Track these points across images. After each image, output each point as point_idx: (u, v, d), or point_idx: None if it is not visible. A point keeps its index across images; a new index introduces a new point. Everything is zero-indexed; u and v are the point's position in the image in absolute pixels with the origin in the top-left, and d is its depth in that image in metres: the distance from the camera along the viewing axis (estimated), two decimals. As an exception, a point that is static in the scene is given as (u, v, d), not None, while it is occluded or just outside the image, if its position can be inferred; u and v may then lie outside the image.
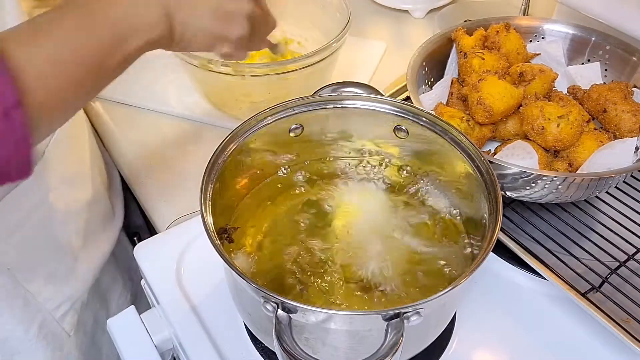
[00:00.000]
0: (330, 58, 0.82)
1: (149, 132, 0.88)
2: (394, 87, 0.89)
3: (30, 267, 0.70)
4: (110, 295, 0.88)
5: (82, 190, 0.78)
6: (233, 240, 0.58)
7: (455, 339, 0.60)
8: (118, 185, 0.92)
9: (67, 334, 0.76)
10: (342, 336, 0.48)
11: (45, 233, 0.71)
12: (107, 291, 0.87)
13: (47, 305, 0.73)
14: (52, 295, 0.73)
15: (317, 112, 0.62)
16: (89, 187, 0.79)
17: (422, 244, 0.59)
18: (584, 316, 0.60)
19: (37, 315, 0.72)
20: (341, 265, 0.57)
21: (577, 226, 0.67)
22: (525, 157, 0.67)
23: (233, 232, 0.59)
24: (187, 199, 0.77)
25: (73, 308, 0.77)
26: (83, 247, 0.77)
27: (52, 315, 0.74)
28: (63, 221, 0.73)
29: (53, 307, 0.73)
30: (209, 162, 0.54)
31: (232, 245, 0.58)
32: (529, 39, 0.84)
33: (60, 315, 0.75)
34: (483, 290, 0.64)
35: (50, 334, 0.73)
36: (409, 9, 1.15)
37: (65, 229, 0.74)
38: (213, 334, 0.60)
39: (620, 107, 0.70)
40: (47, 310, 0.73)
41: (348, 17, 0.84)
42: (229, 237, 0.58)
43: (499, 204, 0.51)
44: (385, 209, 0.63)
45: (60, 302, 0.74)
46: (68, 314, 0.76)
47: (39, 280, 0.71)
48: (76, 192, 0.76)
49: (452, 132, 0.58)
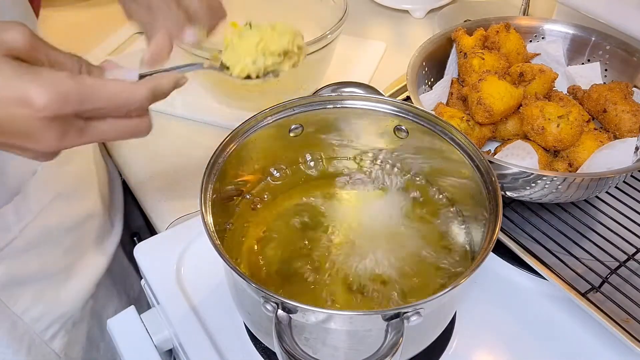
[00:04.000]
0: (326, 50, 0.81)
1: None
2: (394, 87, 0.89)
3: (16, 287, 0.67)
4: (105, 312, 0.84)
5: (77, 205, 0.74)
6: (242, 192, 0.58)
7: (455, 339, 0.60)
8: (119, 199, 0.89)
9: (57, 355, 0.73)
10: (342, 336, 0.48)
11: (34, 252, 0.68)
12: (102, 308, 0.83)
13: (35, 327, 0.70)
14: (40, 315, 0.70)
15: (317, 112, 0.62)
16: (86, 202, 0.76)
17: (422, 244, 0.59)
18: (584, 316, 0.60)
19: (24, 337, 0.69)
20: (342, 265, 0.57)
21: (577, 226, 0.67)
22: (525, 157, 0.67)
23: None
24: (187, 199, 0.77)
25: (64, 328, 0.74)
26: (75, 264, 0.74)
27: (41, 337, 0.71)
28: (54, 238, 0.71)
29: (42, 329, 0.71)
30: (209, 162, 0.54)
31: (232, 245, 0.58)
32: (529, 39, 0.84)
33: (49, 337, 0.72)
34: (483, 290, 0.64)
35: (40, 356, 0.71)
36: (409, 9, 1.15)
37: (56, 246, 0.71)
38: (213, 334, 0.60)
39: (620, 107, 0.70)
40: (35, 332, 0.70)
41: (345, 9, 0.83)
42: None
43: (499, 204, 0.51)
44: (385, 209, 0.63)
45: (49, 322, 0.71)
46: (58, 335, 0.73)
47: (25, 300, 0.68)
48: (71, 208, 0.73)
49: (452, 132, 0.58)
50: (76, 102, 0.39)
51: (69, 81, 0.39)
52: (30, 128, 0.38)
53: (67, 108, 0.39)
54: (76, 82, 0.39)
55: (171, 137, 0.87)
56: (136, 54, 1.01)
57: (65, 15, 1.16)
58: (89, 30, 1.12)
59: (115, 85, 0.41)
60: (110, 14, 1.17)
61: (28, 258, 0.68)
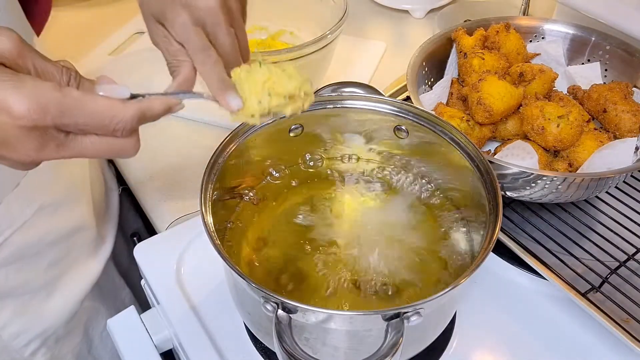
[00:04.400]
0: (326, 50, 0.81)
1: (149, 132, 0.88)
2: (394, 87, 0.89)
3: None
4: (93, 328, 0.80)
5: (64, 218, 0.71)
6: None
7: (455, 339, 0.60)
8: (114, 211, 0.86)
9: None
10: (342, 336, 0.48)
11: (13, 266, 0.66)
12: (89, 324, 0.79)
13: (15, 343, 0.68)
14: (21, 331, 0.68)
15: (317, 112, 0.62)
16: (74, 214, 0.73)
17: (422, 244, 0.59)
18: (584, 316, 0.60)
19: (2, 353, 0.67)
20: (341, 264, 0.57)
21: (577, 226, 0.67)
22: (525, 157, 0.67)
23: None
24: (187, 199, 0.77)
25: (45, 345, 0.71)
26: (59, 279, 0.72)
27: (20, 354, 0.68)
28: (36, 252, 0.68)
29: (21, 345, 0.68)
30: (209, 162, 0.54)
31: (232, 245, 0.58)
32: (529, 39, 0.84)
33: (29, 353, 0.69)
34: (483, 290, 0.64)
35: None
36: (409, 9, 1.15)
37: (38, 260, 0.68)
38: (213, 334, 0.60)
39: (620, 107, 0.70)
40: (14, 349, 0.68)
41: (345, 9, 0.83)
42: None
43: (499, 204, 0.51)
44: (385, 209, 0.63)
45: (29, 339, 0.69)
46: (39, 352, 0.70)
47: (4, 315, 0.66)
48: (57, 221, 0.70)
49: (452, 132, 0.58)
50: (57, 114, 0.38)
51: (52, 92, 0.38)
52: (7, 136, 0.37)
53: (47, 119, 0.37)
54: (60, 93, 0.38)
55: (171, 137, 0.87)
56: (136, 54, 1.03)
57: (65, 15, 1.16)
58: (89, 30, 1.12)
59: (102, 101, 0.40)
60: (110, 14, 1.17)
61: (8, 272, 0.66)
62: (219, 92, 0.47)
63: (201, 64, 0.48)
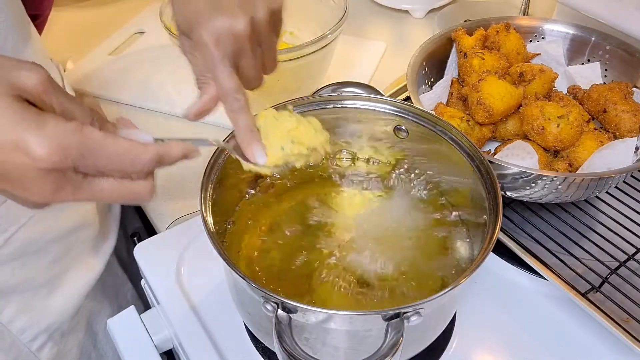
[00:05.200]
0: (326, 50, 0.81)
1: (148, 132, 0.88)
2: (394, 87, 0.89)
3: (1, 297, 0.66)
4: (97, 323, 0.81)
5: (68, 215, 0.71)
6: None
7: (455, 339, 0.60)
8: (116, 207, 0.86)
9: None
10: (342, 336, 0.48)
11: (17, 262, 0.66)
12: (93, 319, 0.81)
13: (22, 337, 0.69)
14: (27, 326, 0.69)
15: (317, 112, 0.62)
16: (78, 212, 0.73)
17: (422, 244, 0.59)
18: (584, 316, 0.60)
19: (12, 347, 0.68)
20: (341, 265, 0.57)
21: (577, 226, 0.67)
22: (525, 157, 0.67)
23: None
24: (187, 199, 0.77)
25: (51, 339, 0.72)
26: (63, 275, 0.73)
27: (28, 348, 0.69)
28: (40, 249, 0.68)
29: (28, 339, 0.69)
30: (209, 162, 0.54)
31: (232, 245, 0.58)
32: (529, 39, 0.84)
33: (36, 348, 0.70)
34: (483, 290, 0.64)
35: None
36: (409, 9, 1.15)
37: (41, 257, 0.69)
38: (213, 334, 0.60)
39: (620, 107, 0.70)
40: (23, 343, 0.69)
41: (345, 9, 0.82)
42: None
43: (499, 204, 0.51)
44: (385, 209, 0.63)
45: (35, 333, 0.70)
46: (46, 346, 0.72)
47: (10, 311, 0.67)
48: (60, 218, 0.70)
49: (452, 132, 0.58)
50: (77, 156, 0.37)
51: (74, 134, 0.37)
52: (24, 177, 0.37)
53: (67, 161, 0.37)
54: (82, 134, 0.37)
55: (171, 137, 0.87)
56: (136, 54, 1.03)
57: (65, 15, 1.16)
58: (89, 30, 1.12)
59: (124, 143, 0.39)
60: (110, 14, 1.17)
61: (12, 268, 0.66)
62: (246, 144, 0.47)
63: (229, 109, 0.48)
